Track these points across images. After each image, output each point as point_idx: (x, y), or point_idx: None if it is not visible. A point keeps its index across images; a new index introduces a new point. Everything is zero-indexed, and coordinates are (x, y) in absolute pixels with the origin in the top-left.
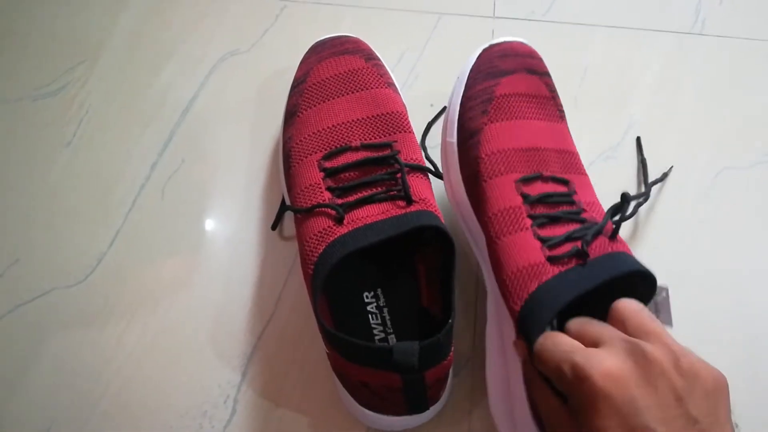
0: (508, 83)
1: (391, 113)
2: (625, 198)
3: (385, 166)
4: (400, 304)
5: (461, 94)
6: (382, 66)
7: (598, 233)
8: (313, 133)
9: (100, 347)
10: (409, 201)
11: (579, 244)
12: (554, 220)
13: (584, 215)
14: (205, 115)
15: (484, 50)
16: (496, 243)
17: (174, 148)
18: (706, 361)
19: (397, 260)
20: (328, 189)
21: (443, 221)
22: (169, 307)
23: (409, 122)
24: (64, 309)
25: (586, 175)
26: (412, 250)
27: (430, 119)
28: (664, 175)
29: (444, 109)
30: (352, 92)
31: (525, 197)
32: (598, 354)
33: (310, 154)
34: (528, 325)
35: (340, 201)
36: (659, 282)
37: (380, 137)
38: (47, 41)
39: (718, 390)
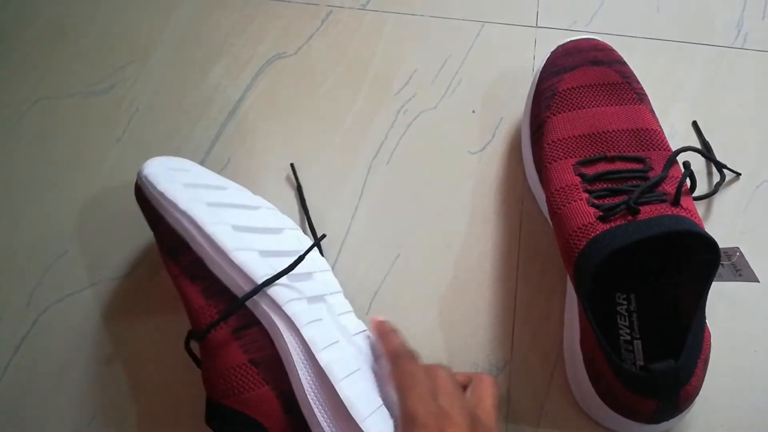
0: (570, 78)
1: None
2: (686, 166)
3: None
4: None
5: (532, 95)
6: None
7: (645, 192)
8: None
9: (142, 340)
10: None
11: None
12: (616, 193)
13: (658, 189)
14: (251, 115)
15: (552, 52)
16: (556, 214)
17: (220, 147)
18: None
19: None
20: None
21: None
22: None
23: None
24: (110, 301)
25: (668, 150)
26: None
27: (471, 126)
28: (728, 173)
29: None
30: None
31: (583, 176)
32: None
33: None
34: (577, 279)
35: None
36: (725, 245)
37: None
38: (99, 40)
39: None
